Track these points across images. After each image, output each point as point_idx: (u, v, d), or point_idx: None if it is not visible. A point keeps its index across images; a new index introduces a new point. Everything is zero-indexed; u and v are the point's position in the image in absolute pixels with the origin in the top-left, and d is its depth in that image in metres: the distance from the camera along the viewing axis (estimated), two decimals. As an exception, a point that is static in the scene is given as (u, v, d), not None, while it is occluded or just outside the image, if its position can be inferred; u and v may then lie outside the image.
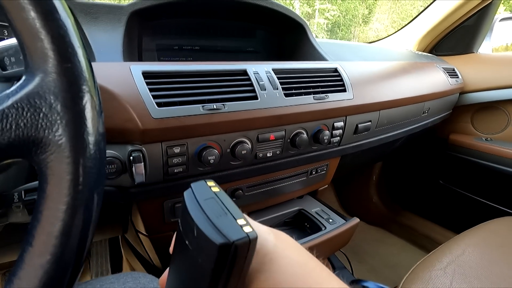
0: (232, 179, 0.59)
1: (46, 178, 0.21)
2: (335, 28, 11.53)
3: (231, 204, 0.21)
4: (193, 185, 0.22)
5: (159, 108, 0.45)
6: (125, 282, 0.44)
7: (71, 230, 0.21)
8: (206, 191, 0.22)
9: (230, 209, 0.20)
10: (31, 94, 0.21)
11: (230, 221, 0.19)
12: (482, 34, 1.26)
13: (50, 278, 0.20)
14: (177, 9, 0.69)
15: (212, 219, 0.19)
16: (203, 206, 0.20)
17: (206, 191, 0.22)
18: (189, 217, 0.20)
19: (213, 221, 0.19)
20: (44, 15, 0.20)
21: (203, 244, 0.19)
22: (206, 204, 0.20)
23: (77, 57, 0.21)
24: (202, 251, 0.19)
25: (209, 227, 0.19)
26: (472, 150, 1.18)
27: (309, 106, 0.59)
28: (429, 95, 0.93)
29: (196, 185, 0.22)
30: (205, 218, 0.19)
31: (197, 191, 0.22)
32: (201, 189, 0.22)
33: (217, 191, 0.22)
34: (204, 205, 0.20)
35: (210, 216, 0.19)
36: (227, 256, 0.18)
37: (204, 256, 0.19)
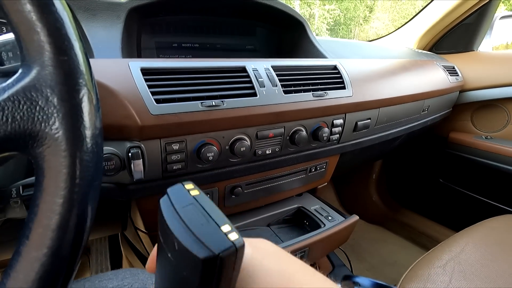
0: (231, 177, 0.59)
1: (43, 171, 0.21)
2: (336, 27, 11.52)
3: (214, 209, 0.19)
4: (169, 190, 0.20)
5: (157, 104, 0.45)
6: (123, 278, 0.44)
7: (68, 224, 0.21)
8: (184, 196, 0.19)
9: (212, 215, 0.18)
10: (27, 87, 0.20)
11: (213, 229, 0.17)
12: (482, 32, 1.26)
13: (46, 271, 0.20)
14: (176, 6, 0.69)
15: (192, 229, 0.17)
16: (181, 215, 0.18)
17: (184, 196, 0.19)
18: (168, 228, 0.18)
19: (194, 231, 0.17)
20: (40, 8, 0.20)
21: (186, 258, 0.17)
22: (185, 211, 0.18)
23: (73, 50, 0.21)
24: (186, 265, 0.17)
25: (190, 239, 0.17)
26: (472, 149, 1.18)
27: (308, 103, 0.59)
28: (428, 93, 0.93)
29: (172, 190, 0.20)
30: (185, 229, 0.17)
31: (174, 197, 0.19)
32: (179, 194, 0.20)
33: (196, 195, 0.20)
34: (183, 213, 0.18)
35: (190, 225, 0.17)
36: (213, 269, 0.17)
37: (189, 270, 0.17)
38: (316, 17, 11.24)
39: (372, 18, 11.95)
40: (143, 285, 0.44)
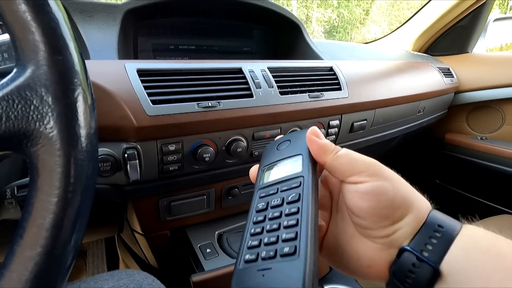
0: (228, 177, 0.59)
1: (37, 170, 0.21)
2: (332, 31, 11.59)
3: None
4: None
5: (154, 105, 0.45)
6: (119, 279, 0.44)
7: (62, 223, 0.21)
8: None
9: None
10: (21, 86, 0.21)
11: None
12: (477, 34, 1.28)
13: (40, 270, 0.20)
14: (172, 8, 0.69)
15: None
16: None
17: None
18: None
19: None
20: (35, 8, 0.20)
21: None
22: None
23: (68, 50, 0.22)
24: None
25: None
26: (468, 149, 1.19)
27: (305, 104, 0.59)
28: (424, 94, 0.94)
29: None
30: None
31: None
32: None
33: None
34: None
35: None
36: None
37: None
38: (314, 19, 11.31)
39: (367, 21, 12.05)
40: (139, 286, 0.44)
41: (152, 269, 0.75)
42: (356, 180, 0.25)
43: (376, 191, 0.24)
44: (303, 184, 0.25)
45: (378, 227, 0.24)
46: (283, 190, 0.26)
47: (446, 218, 0.24)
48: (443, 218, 0.23)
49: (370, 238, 0.25)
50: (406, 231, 0.23)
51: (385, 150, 1.22)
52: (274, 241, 0.22)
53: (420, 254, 0.22)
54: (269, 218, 0.25)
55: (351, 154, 0.26)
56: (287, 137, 0.32)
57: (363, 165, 0.25)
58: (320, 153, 0.27)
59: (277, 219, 0.24)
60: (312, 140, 0.27)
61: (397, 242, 0.23)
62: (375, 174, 0.24)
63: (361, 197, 0.24)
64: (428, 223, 0.23)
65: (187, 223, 0.65)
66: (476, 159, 1.17)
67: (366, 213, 0.24)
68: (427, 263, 0.21)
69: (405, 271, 0.22)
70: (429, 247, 0.22)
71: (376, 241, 0.24)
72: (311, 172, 0.26)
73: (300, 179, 0.26)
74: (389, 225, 0.23)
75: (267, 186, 0.28)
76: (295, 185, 0.26)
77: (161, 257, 0.70)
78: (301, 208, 0.23)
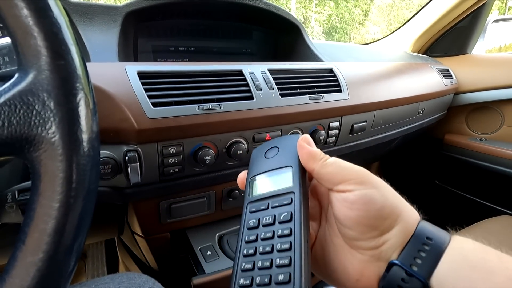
0: (228, 179, 0.59)
1: (39, 175, 0.21)
2: (331, 31, 11.61)
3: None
4: None
5: (154, 108, 0.45)
6: (120, 283, 0.44)
7: (65, 228, 0.21)
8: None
9: None
10: (23, 91, 0.20)
11: None
12: (476, 35, 1.28)
13: (42, 276, 0.20)
14: (172, 10, 0.69)
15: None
16: None
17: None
18: None
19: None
20: (37, 13, 0.20)
21: None
22: None
23: (70, 55, 0.21)
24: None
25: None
26: (467, 150, 1.19)
27: (305, 106, 0.59)
28: (424, 95, 0.94)
29: None
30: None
31: None
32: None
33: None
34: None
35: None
36: None
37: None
38: (313, 19, 11.33)
39: (366, 21, 12.08)
40: (140, 289, 0.44)
41: (152, 271, 0.75)
42: (344, 188, 0.24)
43: (364, 199, 0.23)
44: (294, 201, 0.25)
45: (366, 237, 0.23)
46: (274, 206, 0.26)
47: (435, 229, 0.23)
48: (431, 229, 0.23)
49: (359, 249, 0.24)
50: (394, 243, 0.23)
51: (385, 151, 1.22)
52: (268, 266, 0.23)
53: (410, 268, 0.21)
54: (261, 238, 0.25)
55: (339, 162, 0.26)
56: (274, 143, 0.31)
57: (351, 173, 0.25)
58: (309, 160, 0.27)
59: (270, 240, 0.24)
60: (302, 147, 0.28)
61: (386, 255, 0.23)
62: (363, 183, 0.24)
63: (348, 206, 0.24)
64: (417, 235, 0.23)
65: (187, 225, 0.65)
66: (476, 160, 1.17)
67: (354, 222, 0.24)
68: (416, 278, 0.21)
69: (394, 286, 0.21)
70: (418, 261, 0.21)
71: (365, 253, 0.24)
72: (301, 187, 0.26)
73: (291, 195, 0.26)
74: (377, 236, 0.23)
75: (257, 200, 0.28)
76: (286, 202, 0.25)
77: (162, 259, 0.70)
78: (294, 230, 0.23)
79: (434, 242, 0.22)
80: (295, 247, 0.22)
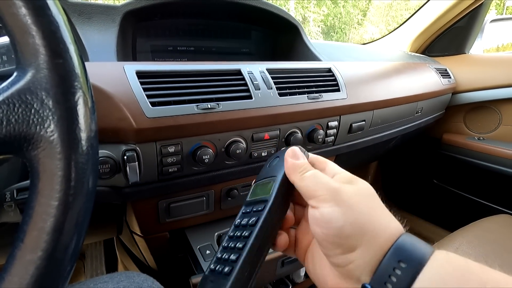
0: (227, 179, 0.59)
1: (38, 174, 0.21)
2: (330, 31, 11.62)
3: None
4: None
5: (153, 107, 0.45)
6: (119, 282, 0.44)
7: (63, 226, 0.21)
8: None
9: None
10: (22, 90, 0.21)
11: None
12: (473, 35, 1.29)
13: (41, 274, 0.20)
14: (171, 9, 0.69)
15: None
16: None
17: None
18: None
19: None
20: (35, 11, 0.20)
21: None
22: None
23: (68, 53, 0.22)
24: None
25: None
26: (465, 150, 1.20)
27: (303, 106, 0.60)
28: (421, 95, 0.94)
29: None
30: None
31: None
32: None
33: None
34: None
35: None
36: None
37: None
38: (311, 20, 11.33)
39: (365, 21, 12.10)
40: (139, 288, 0.44)
41: (151, 271, 0.75)
42: (313, 204, 0.25)
43: (326, 218, 0.24)
44: (264, 209, 0.27)
45: (333, 254, 0.24)
46: (254, 211, 0.29)
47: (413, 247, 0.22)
48: (409, 248, 0.22)
49: (331, 264, 0.25)
50: (361, 263, 0.23)
51: (383, 151, 1.23)
52: (226, 259, 0.26)
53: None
54: (235, 236, 0.28)
55: (318, 176, 0.26)
56: (278, 154, 0.33)
57: (323, 189, 0.25)
58: (291, 173, 0.28)
59: (237, 239, 0.27)
60: (286, 160, 0.29)
61: (354, 274, 0.23)
62: (330, 200, 0.24)
63: (315, 223, 0.25)
64: (389, 258, 0.22)
65: (186, 224, 0.65)
66: (473, 159, 1.17)
67: (320, 238, 0.24)
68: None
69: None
70: (389, 286, 0.21)
71: (336, 269, 0.25)
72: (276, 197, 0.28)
73: (265, 203, 0.28)
74: (341, 254, 0.23)
75: (249, 204, 0.31)
76: (259, 208, 0.28)
77: (161, 259, 0.70)
78: (252, 233, 0.26)
79: (408, 265, 0.21)
80: (246, 247, 0.25)
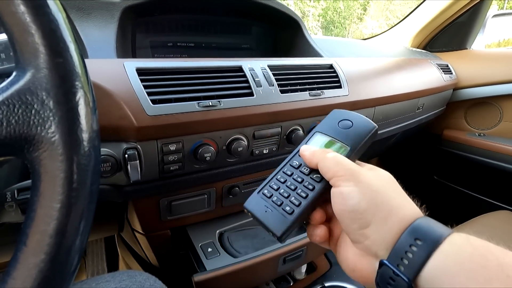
0: (229, 176, 0.59)
1: (40, 176, 0.21)
2: (330, 26, 11.55)
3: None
4: None
5: (154, 105, 0.45)
6: (121, 281, 0.44)
7: (66, 229, 0.21)
8: None
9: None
10: (22, 90, 0.20)
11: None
12: (475, 30, 1.28)
13: (45, 277, 0.20)
14: (170, 5, 0.68)
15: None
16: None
17: None
18: None
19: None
20: (34, 9, 0.20)
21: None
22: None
23: (69, 52, 0.21)
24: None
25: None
26: (466, 146, 1.20)
27: (305, 103, 0.59)
28: (423, 91, 0.94)
29: None
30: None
31: None
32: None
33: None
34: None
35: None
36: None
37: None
38: (311, 14, 11.25)
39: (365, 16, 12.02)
40: (141, 287, 0.43)
41: (153, 269, 0.75)
42: (334, 183, 0.27)
43: (344, 195, 0.26)
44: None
45: (351, 230, 0.26)
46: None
47: (430, 228, 0.23)
48: (426, 228, 0.23)
49: (352, 243, 0.27)
50: (376, 239, 0.25)
51: (384, 147, 1.23)
52: (286, 196, 0.30)
53: (397, 268, 0.23)
54: (293, 177, 0.31)
55: (339, 158, 0.29)
56: (351, 117, 0.34)
57: (342, 169, 0.27)
58: (312, 159, 0.30)
59: (297, 183, 0.31)
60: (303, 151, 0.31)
61: (371, 250, 0.25)
62: (350, 180, 0.26)
63: (334, 200, 0.27)
64: (406, 236, 0.23)
65: (188, 222, 0.65)
66: (474, 155, 1.17)
67: (339, 215, 0.27)
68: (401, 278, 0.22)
69: (385, 283, 0.23)
70: (405, 262, 0.22)
71: (356, 247, 0.27)
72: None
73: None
74: (358, 229, 0.25)
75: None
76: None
77: (162, 257, 0.70)
78: (314, 188, 0.30)
79: (424, 243, 0.22)
80: (308, 199, 0.29)
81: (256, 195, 0.32)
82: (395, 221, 0.24)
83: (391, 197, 0.26)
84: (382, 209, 0.25)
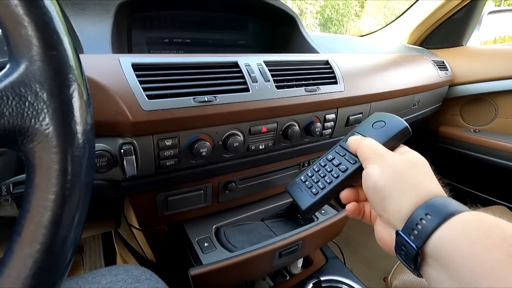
0: (225, 172, 0.59)
1: (34, 168, 0.21)
2: (327, 23, 11.52)
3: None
4: None
5: (149, 100, 0.45)
6: (117, 274, 0.44)
7: (61, 220, 0.21)
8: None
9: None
10: (15, 82, 0.20)
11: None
12: (471, 27, 1.28)
13: (40, 267, 0.20)
14: (166, 1, 0.68)
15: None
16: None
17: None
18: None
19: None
20: (27, 1, 0.20)
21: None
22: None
23: (62, 45, 0.21)
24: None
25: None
26: (461, 142, 1.21)
27: (301, 98, 0.59)
28: (419, 87, 0.95)
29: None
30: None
31: None
32: None
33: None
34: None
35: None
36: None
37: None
38: (308, 11, 11.22)
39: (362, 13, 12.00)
40: (137, 280, 0.44)
41: (150, 264, 0.76)
42: (364, 165, 0.32)
43: (368, 175, 0.31)
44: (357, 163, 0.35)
45: (374, 204, 0.30)
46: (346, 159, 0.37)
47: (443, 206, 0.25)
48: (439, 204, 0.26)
49: (377, 215, 0.31)
50: (393, 212, 0.28)
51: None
52: (315, 181, 0.38)
53: (408, 237, 0.26)
54: (325, 168, 0.38)
55: (373, 144, 0.33)
56: (383, 118, 0.39)
57: (371, 152, 0.32)
58: (353, 145, 0.35)
59: (327, 172, 0.38)
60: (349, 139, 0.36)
61: (391, 222, 0.29)
62: (375, 163, 0.31)
63: (363, 180, 0.31)
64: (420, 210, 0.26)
65: (184, 217, 0.65)
66: (470, 151, 1.18)
67: (365, 192, 0.31)
68: (410, 245, 0.25)
69: (400, 250, 0.27)
70: (415, 232, 0.25)
71: (381, 219, 0.31)
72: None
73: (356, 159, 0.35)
74: (379, 203, 0.29)
75: (344, 148, 0.39)
76: (351, 161, 0.36)
77: (159, 252, 0.70)
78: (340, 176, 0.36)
79: (433, 217, 0.25)
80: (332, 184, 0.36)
81: (296, 180, 0.41)
82: (411, 196, 0.27)
83: (411, 176, 0.29)
84: (400, 186, 0.28)
